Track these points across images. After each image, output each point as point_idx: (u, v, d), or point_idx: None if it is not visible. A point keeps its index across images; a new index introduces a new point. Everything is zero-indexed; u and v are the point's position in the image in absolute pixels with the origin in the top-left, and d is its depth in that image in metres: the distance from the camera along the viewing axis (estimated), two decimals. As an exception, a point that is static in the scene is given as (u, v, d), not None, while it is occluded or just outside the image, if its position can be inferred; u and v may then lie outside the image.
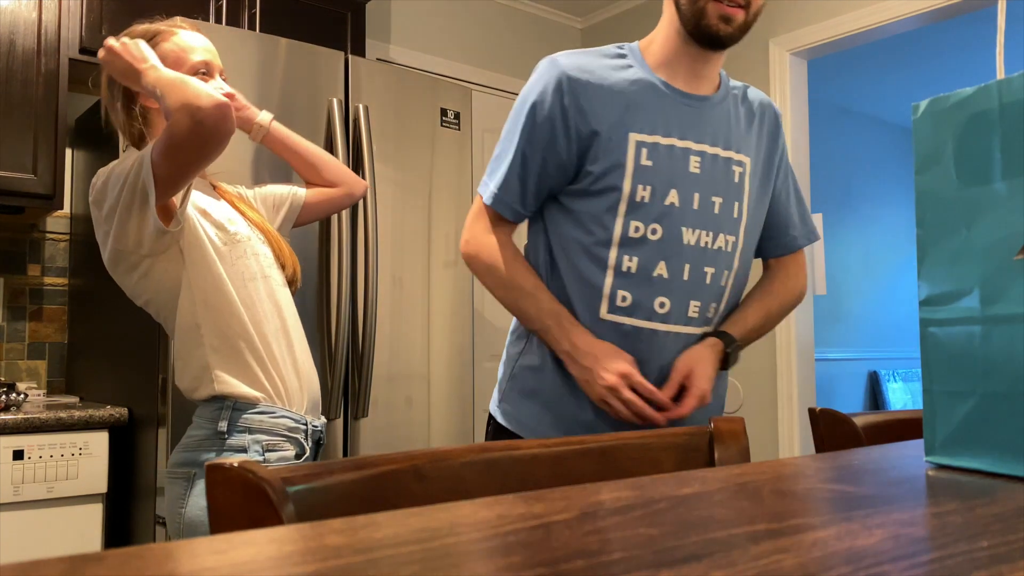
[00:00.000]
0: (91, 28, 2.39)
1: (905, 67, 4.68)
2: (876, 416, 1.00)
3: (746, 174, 1.30)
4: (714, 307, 1.29)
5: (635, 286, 1.24)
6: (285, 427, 1.38)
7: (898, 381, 5.51)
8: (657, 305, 1.24)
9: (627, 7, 3.72)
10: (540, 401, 1.30)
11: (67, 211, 2.64)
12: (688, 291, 1.25)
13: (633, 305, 1.24)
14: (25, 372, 2.58)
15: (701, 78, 1.30)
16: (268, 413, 1.37)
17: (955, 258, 0.62)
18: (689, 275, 1.25)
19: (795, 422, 2.99)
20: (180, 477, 1.34)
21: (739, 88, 1.36)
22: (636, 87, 1.27)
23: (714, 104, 1.30)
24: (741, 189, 1.29)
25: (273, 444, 1.36)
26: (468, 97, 2.52)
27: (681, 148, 1.26)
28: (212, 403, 1.36)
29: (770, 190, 1.36)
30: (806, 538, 0.41)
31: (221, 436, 1.33)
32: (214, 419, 1.34)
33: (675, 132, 1.26)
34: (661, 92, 1.27)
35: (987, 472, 0.59)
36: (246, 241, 1.42)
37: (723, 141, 1.29)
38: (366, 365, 2.15)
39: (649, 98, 1.27)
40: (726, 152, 1.29)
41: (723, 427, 0.81)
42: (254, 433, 1.35)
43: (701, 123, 1.28)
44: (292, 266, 1.53)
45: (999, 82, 0.60)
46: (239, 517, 0.53)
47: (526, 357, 1.32)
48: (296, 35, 2.24)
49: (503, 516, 0.46)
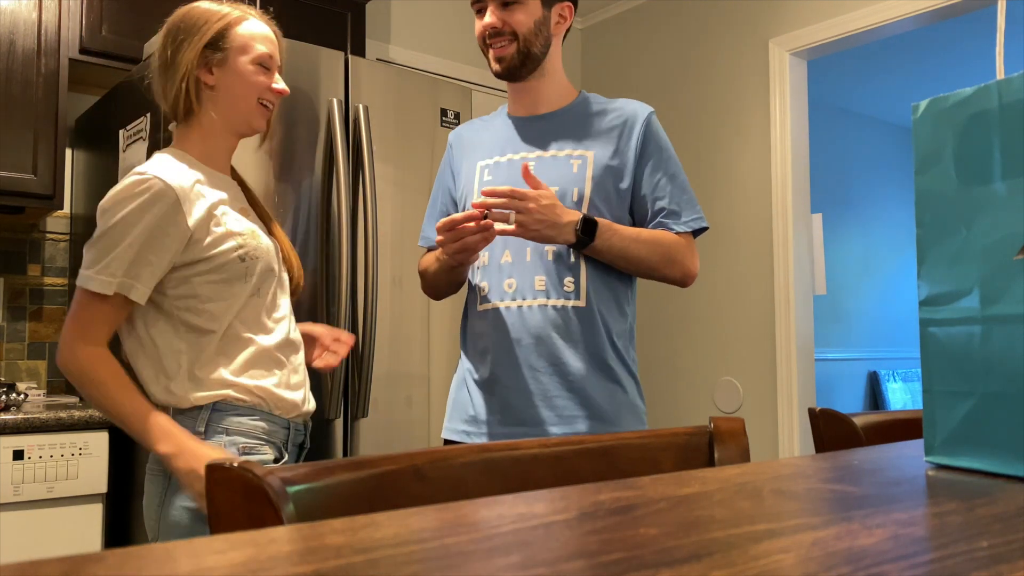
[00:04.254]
0: (91, 28, 2.39)
1: (905, 67, 4.68)
2: (876, 416, 0.99)
3: (587, 164, 1.49)
4: (571, 281, 1.46)
5: (490, 275, 1.50)
6: (263, 430, 1.36)
7: (898, 381, 5.51)
8: (506, 286, 1.48)
9: (627, 7, 3.72)
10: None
11: (67, 211, 2.64)
12: (532, 269, 1.47)
13: (490, 291, 1.50)
14: (25, 372, 2.58)
15: (534, 103, 1.57)
16: (247, 415, 1.35)
17: (955, 258, 0.62)
18: (532, 256, 1.47)
19: (795, 422, 2.99)
20: (158, 475, 1.32)
21: (602, 103, 1.57)
22: (489, 130, 1.61)
23: (551, 119, 1.55)
24: (582, 176, 1.49)
25: (250, 447, 1.34)
26: (468, 97, 2.52)
27: (518, 159, 1.52)
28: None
29: (627, 176, 1.51)
30: (806, 538, 0.41)
31: (199, 436, 1.31)
32: (192, 417, 1.32)
33: (511, 149, 1.55)
34: (507, 124, 1.59)
35: (987, 472, 0.59)
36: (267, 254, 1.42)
37: (558, 144, 1.52)
38: (366, 365, 2.15)
39: (497, 133, 1.58)
40: (563, 151, 1.52)
41: (723, 427, 0.81)
42: (231, 435, 1.32)
43: (538, 136, 1.54)
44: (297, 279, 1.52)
45: (999, 82, 0.60)
46: (239, 517, 0.53)
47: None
48: (296, 35, 2.24)
49: (503, 516, 0.46)
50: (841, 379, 5.22)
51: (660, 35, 3.57)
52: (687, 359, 3.38)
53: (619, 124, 1.53)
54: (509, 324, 1.47)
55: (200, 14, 1.40)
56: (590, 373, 1.45)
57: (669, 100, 3.51)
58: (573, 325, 1.45)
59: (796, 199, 3.08)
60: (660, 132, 1.56)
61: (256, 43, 1.41)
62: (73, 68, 2.41)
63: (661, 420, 3.41)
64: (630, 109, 1.55)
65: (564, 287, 1.45)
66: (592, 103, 1.57)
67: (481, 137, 1.61)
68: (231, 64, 1.39)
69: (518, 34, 1.47)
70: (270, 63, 1.43)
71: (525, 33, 1.47)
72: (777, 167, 3.09)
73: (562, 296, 1.45)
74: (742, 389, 3.15)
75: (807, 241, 3.12)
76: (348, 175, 2.16)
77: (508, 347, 1.46)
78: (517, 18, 1.47)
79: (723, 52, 3.31)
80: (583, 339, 1.45)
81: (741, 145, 3.23)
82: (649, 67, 3.62)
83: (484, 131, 1.62)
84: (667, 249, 1.48)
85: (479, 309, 1.52)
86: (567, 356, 1.44)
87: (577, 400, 1.44)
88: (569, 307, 1.45)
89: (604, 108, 1.56)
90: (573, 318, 1.45)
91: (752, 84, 3.20)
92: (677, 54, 3.49)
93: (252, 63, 1.40)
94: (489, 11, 1.49)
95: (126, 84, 2.28)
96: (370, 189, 2.18)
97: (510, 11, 1.47)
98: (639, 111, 1.55)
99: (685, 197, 1.53)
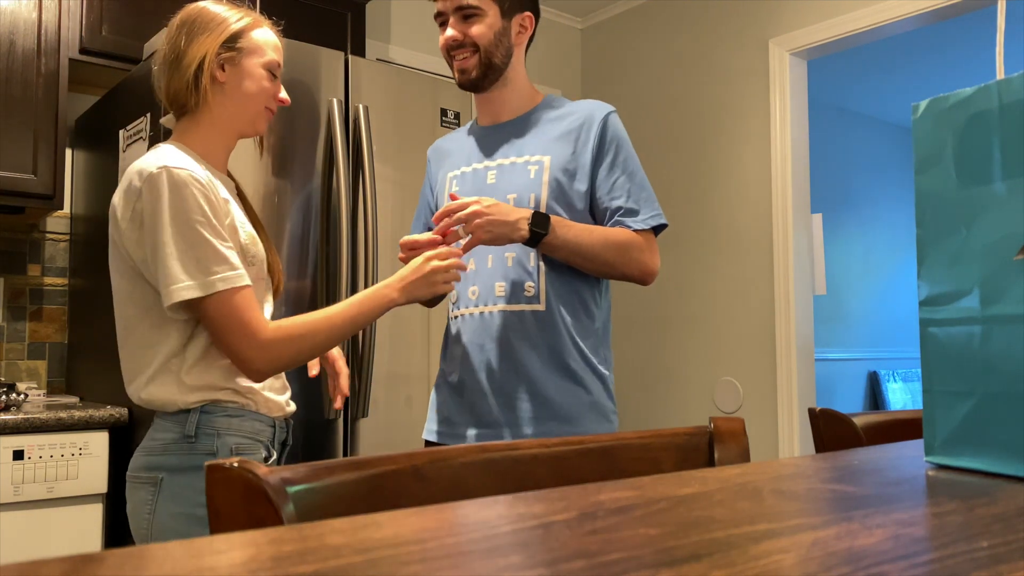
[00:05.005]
0: (91, 28, 2.39)
1: (905, 67, 4.68)
2: (876, 416, 0.99)
3: (543, 169, 1.52)
4: (531, 285, 1.50)
5: (459, 284, 1.54)
6: (252, 430, 1.35)
7: (898, 381, 5.51)
8: (470, 293, 1.54)
9: (627, 7, 3.72)
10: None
11: (67, 211, 2.64)
12: (492, 276, 1.52)
13: (459, 299, 1.56)
14: (25, 372, 2.58)
15: (497, 112, 1.61)
16: (237, 416, 1.34)
17: (955, 258, 0.62)
18: (492, 263, 1.52)
19: (795, 422, 2.99)
20: (145, 482, 1.31)
21: (562, 106, 1.60)
22: (459, 140, 1.67)
23: (512, 126, 1.59)
24: (538, 182, 1.52)
25: (243, 447, 1.34)
26: (468, 97, 2.52)
27: (482, 168, 1.58)
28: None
29: (584, 178, 1.52)
30: (806, 538, 0.41)
31: (189, 439, 1.30)
32: (181, 422, 1.31)
33: (475, 159, 1.60)
34: (475, 134, 1.64)
35: (987, 472, 0.59)
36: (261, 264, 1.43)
37: (517, 151, 1.56)
38: (366, 365, 2.15)
39: (465, 143, 1.64)
40: (521, 158, 1.55)
41: (723, 427, 0.81)
42: (223, 436, 1.32)
43: (499, 144, 1.59)
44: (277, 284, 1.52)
45: (999, 82, 0.60)
46: (239, 517, 0.53)
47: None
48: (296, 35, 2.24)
49: (503, 516, 0.46)
50: (841, 379, 5.22)
51: (660, 35, 3.57)
52: (687, 359, 3.38)
53: (576, 127, 1.54)
54: (473, 330, 1.53)
55: (217, 13, 1.41)
56: (550, 375, 1.49)
57: (669, 100, 3.51)
58: (533, 329, 1.49)
59: (796, 199, 3.08)
60: (619, 131, 1.56)
61: (268, 49, 1.44)
62: (73, 68, 2.41)
63: (661, 420, 3.41)
64: (588, 110, 1.57)
65: (525, 292, 1.50)
66: (552, 107, 1.60)
67: (453, 148, 1.67)
68: (243, 64, 1.41)
69: (479, 46, 1.52)
70: (277, 72, 1.46)
71: (486, 45, 1.52)
72: (777, 167, 3.09)
73: (522, 301, 1.50)
74: (742, 389, 3.15)
75: (807, 241, 3.12)
76: (348, 175, 2.16)
77: (473, 352, 1.52)
78: (477, 30, 1.51)
79: (723, 52, 3.31)
80: (543, 342, 1.49)
81: (741, 145, 3.23)
82: (649, 67, 3.62)
83: (455, 142, 1.68)
84: (623, 246, 1.49)
85: (451, 316, 1.60)
86: (527, 359, 1.49)
87: (538, 402, 1.48)
88: (528, 311, 1.50)
89: (563, 112, 1.58)
90: (532, 322, 1.49)
91: (752, 84, 3.20)
92: (677, 54, 3.49)
93: (263, 67, 1.42)
94: (450, 24, 1.53)
95: (126, 84, 2.28)
96: (370, 189, 2.18)
97: (470, 23, 1.52)
98: (596, 111, 1.56)
99: (644, 195, 1.54)
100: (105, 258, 1.39)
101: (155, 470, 1.31)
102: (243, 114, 1.43)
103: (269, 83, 1.44)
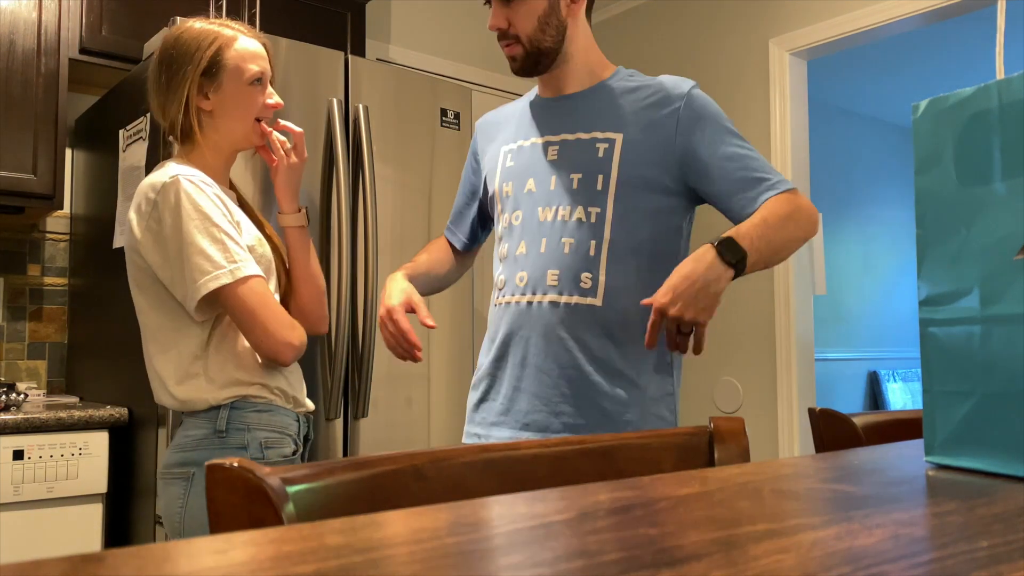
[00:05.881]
0: (91, 28, 2.39)
1: (905, 67, 4.68)
2: (876, 416, 0.99)
3: (615, 147, 1.37)
4: (588, 276, 1.34)
5: (506, 268, 1.43)
6: (281, 424, 1.40)
7: (898, 381, 5.51)
8: (518, 279, 1.40)
9: (627, 7, 3.72)
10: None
11: (67, 211, 2.64)
12: (545, 262, 1.37)
13: (504, 284, 1.43)
14: (25, 372, 2.58)
15: (561, 85, 1.46)
16: (266, 411, 1.38)
17: (955, 258, 0.62)
18: (547, 248, 1.37)
19: (795, 422, 2.99)
20: (178, 477, 1.34)
21: (638, 80, 1.46)
22: (516, 113, 1.53)
23: (578, 99, 1.44)
24: (608, 161, 1.37)
25: (272, 441, 1.38)
26: (468, 97, 2.52)
27: (541, 143, 1.43)
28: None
29: (664, 159, 1.37)
30: (806, 538, 0.41)
31: (220, 435, 1.34)
32: (211, 418, 1.35)
33: (534, 133, 1.46)
34: (534, 106, 1.50)
35: (987, 472, 0.59)
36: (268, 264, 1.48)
37: (584, 126, 1.41)
38: (366, 365, 2.15)
39: (523, 116, 1.50)
40: (588, 134, 1.40)
41: (723, 427, 0.81)
42: (253, 431, 1.36)
43: (562, 118, 1.44)
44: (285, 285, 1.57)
45: (999, 82, 0.60)
46: (239, 517, 0.53)
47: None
48: (296, 35, 2.24)
49: (503, 516, 0.46)
50: (841, 379, 5.22)
51: (660, 35, 3.57)
52: (687, 359, 3.37)
53: (655, 102, 1.39)
54: (518, 320, 1.37)
55: (192, 39, 1.42)
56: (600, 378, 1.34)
57: (669, 100, 3.51)
58: (584, 324, 1.33)
59: (796, 199, 3.08)
60: (706, 104, 1.40)
61: (248, 63, 1.45)
62: (73, 68, 2.41)
63: (661, 420, 3.41)
64: (669, 84, 1.42)
65: (581, 283, 1.34)
66: (627, 80, 1.44)
67: (507, 121, 1.53)
68: (226, 89, 1.44)
69: (521, 37, 1.38)
70: (264, 78, 1.48)
71: (529, 34, 1.38)
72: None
73: (576, 293, 1.34)
74: (742, 389, 3.15)
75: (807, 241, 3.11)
76: (348, 175, 2.16)
77: (516, 346, 1.37)
78: (519, 18, 1.37)
79: (723, 52, 3.31)
80: (594, 340, 1.33)
81: (741, 145, 3.23)
82: (649, 67, 3.60)
83: (510, 115, 1.54)
84: (789, 216, 1.33)
85: (494, 303, 1.44)
86: (575, 358, 1.33)
87: (583, 404, 1.33)
88: (583, 305, 1.33)
89: (639, 85, 1.43)
90: (586, 317, 1.33)
91: (752, 84, 3.20)
92: (677, 54, 3.49)
93: (247, 83, 1.45)
94: (492, 10, 1.40)
95: (126, 84, 2.28)
96: (370, 189, 2.18)
97: (512, 9, 1.38)
98: (679, 85, 1.41)
99: (761, 162, 1.39)
100: (105, 258, 1.41)
101: (187, 465, 1.35)
102: (235, 133, 1.47)
103: (256, 96, 1.46)
